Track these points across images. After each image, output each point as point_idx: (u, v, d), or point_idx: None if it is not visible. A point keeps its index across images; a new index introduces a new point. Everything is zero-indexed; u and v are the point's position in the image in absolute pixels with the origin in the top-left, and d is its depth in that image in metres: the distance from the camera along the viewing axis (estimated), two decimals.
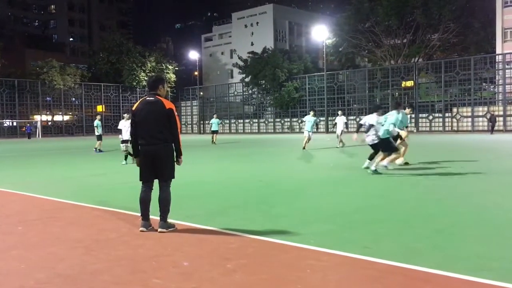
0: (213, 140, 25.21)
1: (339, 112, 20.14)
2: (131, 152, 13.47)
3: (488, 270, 3.57)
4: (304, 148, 18.25)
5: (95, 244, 4.61)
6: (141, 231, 4.98)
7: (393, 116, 10.20)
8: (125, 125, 13.77)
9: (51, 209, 6.65)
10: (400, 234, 4.79)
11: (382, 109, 10.89)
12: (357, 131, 11.51)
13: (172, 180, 5.15)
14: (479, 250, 4.13)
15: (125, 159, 13.62)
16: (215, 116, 27.42)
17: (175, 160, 5.12)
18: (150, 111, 4.98)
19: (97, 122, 19.67)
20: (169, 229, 4.98)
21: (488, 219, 5.39)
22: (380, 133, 9.93)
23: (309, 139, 18.53)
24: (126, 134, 13.58)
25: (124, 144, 13.64)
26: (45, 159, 17.44)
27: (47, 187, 9.03)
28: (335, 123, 19.93)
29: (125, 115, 14.46)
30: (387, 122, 10.05)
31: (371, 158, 10.40)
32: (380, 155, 10.22)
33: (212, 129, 26.26)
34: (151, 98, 5.04)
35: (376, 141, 10.22)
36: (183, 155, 5.20)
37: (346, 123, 20.39)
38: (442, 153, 14.20)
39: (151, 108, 4.98)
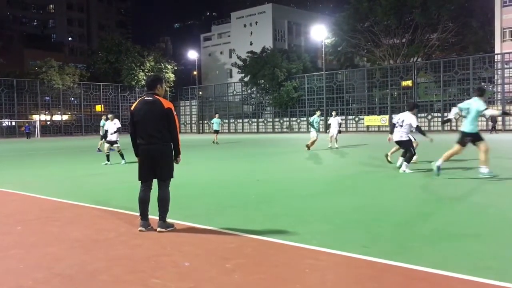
0: (214, 140, 25.30)
1: (333, 113, 20.03)
2: (107, 154, 13.59)
3: (487, 269, 3.57)
4: (308, 148, 18.08)
5: (93, 243, 4.61)
6: (140, 230, 4.98)
7: (478, 103, 8.45)
8: (111, 126, 13.81)
9: (50, 208, 6.64)
10: (398, 234, 4.79)
11: (417, 108, 10.51)
12: (391, 132, 10.54)
13: (171, 179, 5.15)
14: (478, 250, 4.13)
15: (122, 158, 13.64)
16: (216, 115, 27.48)
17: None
18: (148, 111, 4.97)
19: (103, 122, 19.73)
20: (168, 229, 4.98)
21: (487, 219, 5.40)
22: (469, 124, 8.54)
23: (315, 140, 18.31)
24: (113, 135, 13.61)
25: (116, 145, 13.67)
26: (44, 159, 17.42)
27: (46, 187, 9.02)
28: (329, 124, 19.91)
29: (109, 115, 14.49)
30: (475, 110, 8.41)
31: (404, 155, 10.14)
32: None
33: (213, 128, 26.47)
34: (149, 98, 5.03)
35: (403, 138, 10.00)
36: (181, 154, 5.20)
37: (340, 124, 20.33)
38: (441, 153, 14.17)
39: (150, 107, 4.98)
